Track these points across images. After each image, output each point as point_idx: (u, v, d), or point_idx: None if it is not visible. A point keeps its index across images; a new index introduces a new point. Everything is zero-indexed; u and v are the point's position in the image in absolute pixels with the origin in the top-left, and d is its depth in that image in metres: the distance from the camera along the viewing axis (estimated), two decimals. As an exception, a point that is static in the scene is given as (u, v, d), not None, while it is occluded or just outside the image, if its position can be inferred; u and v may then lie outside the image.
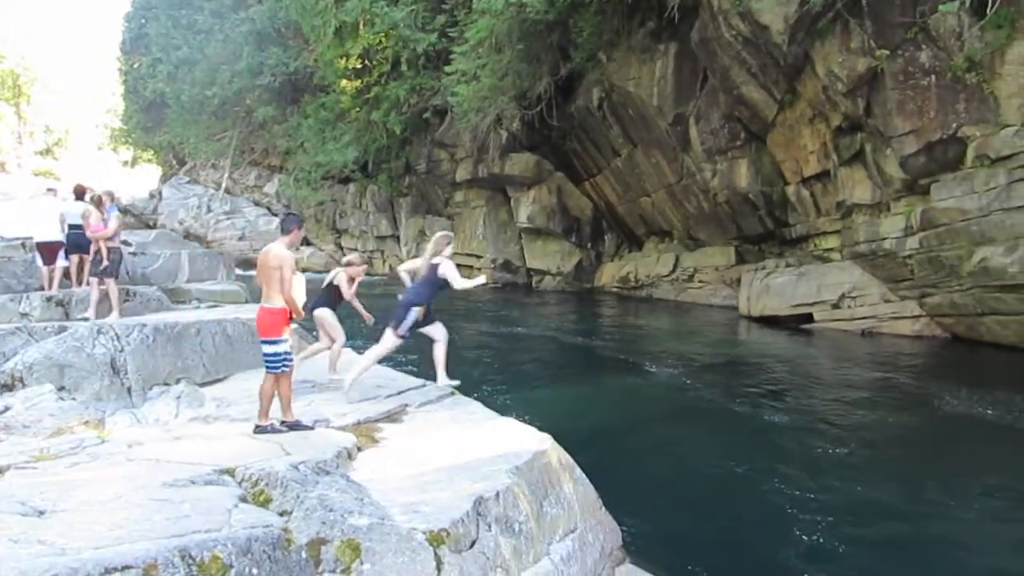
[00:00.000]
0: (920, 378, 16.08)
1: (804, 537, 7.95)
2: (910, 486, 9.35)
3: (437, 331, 8.50)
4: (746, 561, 7.60)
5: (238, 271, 27.63)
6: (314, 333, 10.31)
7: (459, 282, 8.08)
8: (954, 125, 17.08)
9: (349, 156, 38.91)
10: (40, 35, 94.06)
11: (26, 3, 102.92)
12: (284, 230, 6.66)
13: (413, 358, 15.55)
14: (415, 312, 8.12)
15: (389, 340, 8.23)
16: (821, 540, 7.88)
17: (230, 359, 9.58)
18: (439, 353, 8.51)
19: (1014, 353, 17.72)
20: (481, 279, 8.65)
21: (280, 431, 6.30)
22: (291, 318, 6.50)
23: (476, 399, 8.39)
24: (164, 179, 64.96)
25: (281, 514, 4.49)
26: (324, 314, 9.14)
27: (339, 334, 9.24)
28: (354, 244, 47.37)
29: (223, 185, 53.40)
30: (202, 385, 8.72)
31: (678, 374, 16.59)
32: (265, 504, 4.64)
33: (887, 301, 21.05)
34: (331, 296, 9.31)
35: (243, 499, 4.48)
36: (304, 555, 3.63)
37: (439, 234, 8.60)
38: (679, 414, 13.58)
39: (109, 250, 11.22)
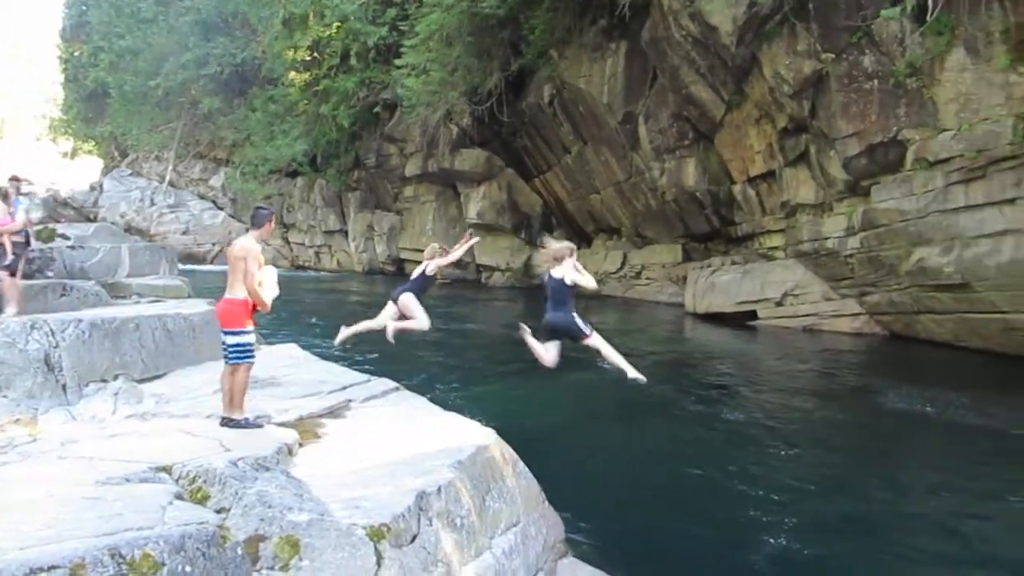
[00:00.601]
0: (862, 375, 16.41)
1: (749, 533, 8.05)
2: (856, 483, 9.46)
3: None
4: (689, 557, 7.67)
5: (181, 265, 27.13)
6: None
7: (580, 278, 8.34)
8: (895, 128, 17.47)
9: (298, 150, 38.47)
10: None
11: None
12: (255, 223, 6.57)
13: (373, 356, 15.44)
14: (575, 317, 8.43)
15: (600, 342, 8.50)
16: (766, 536, 7.98)
17: (171, 355, 9.39)
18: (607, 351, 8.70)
19: (948, 350, 18.20)
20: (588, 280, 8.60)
21: (252, 425, 6.19)
22: (255, 310, 6.40)
23: (422, 395, 8.35)
24: (105, 171, 63.36)
25: (219, 511, 4.42)
26: (408, 299, 9.79)
27: (421, 315, 9.90)
28: (301, 239, 46.88)
29: (167, 178, 52.39)
30: (141, 381, 8.53)
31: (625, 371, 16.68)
32: (203, 501, 4.56)
33: (828, 299, 21.46)
34: (418, 284, 10.00)
35: (179, 496, 4.39)
36: (240, 552, 3.57)
37: (559, 245, 8.67)
38: (626, 410, 13.67)
39: (14, 244, 10.95)
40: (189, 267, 38.72)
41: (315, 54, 37.43)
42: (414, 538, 4.59)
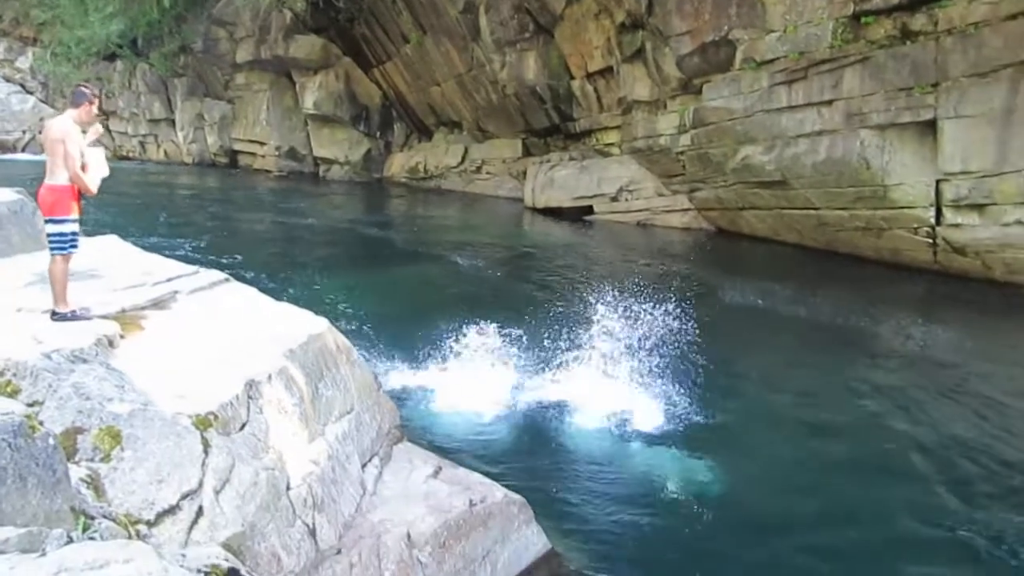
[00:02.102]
0: (696, 268, 17.23)
1: (587, 414, 8.40)
2: (702, 372, 9.91)
3: None
4: (522, 442, 7.97)
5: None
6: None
7: None
8: (726, 28, 17.95)
9: (113, 29, 35.54)
10: None
11: None
12: (73, 103, 6.09)
13: (202, 249, 14.85)
14: None
15: None
16: (605, 415, 8.37)
17: (-29, 245, 8.68)
18: None
19: (767, 244, 19.38)
20: None
21: (81, 318, 5.83)
22: (80, 196, 5.98)
23: (254, 287, 8.13)
24: None
25: (31, 404, 4.20)
26: None
27: None
28: (124, 127, 43.89)
29: (-36, 57, 47.40)
30: (-63, 275, 7.87)
31: (466, 264, 16.86)
32: (13, 395, 4.30)
33: (661, 195, 22.26)
34: None
35: (-17, 390, 4.14)
36: (52, 442, 3.41)
37: None
38: (464, 301, 13.82)
39: None
40: (-4, 156, 35.74)
41: (131, -77, 34.35)
42: (244, 426, 4.54)
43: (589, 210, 23.52)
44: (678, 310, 14.01)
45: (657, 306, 12.82)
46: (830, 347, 11.67)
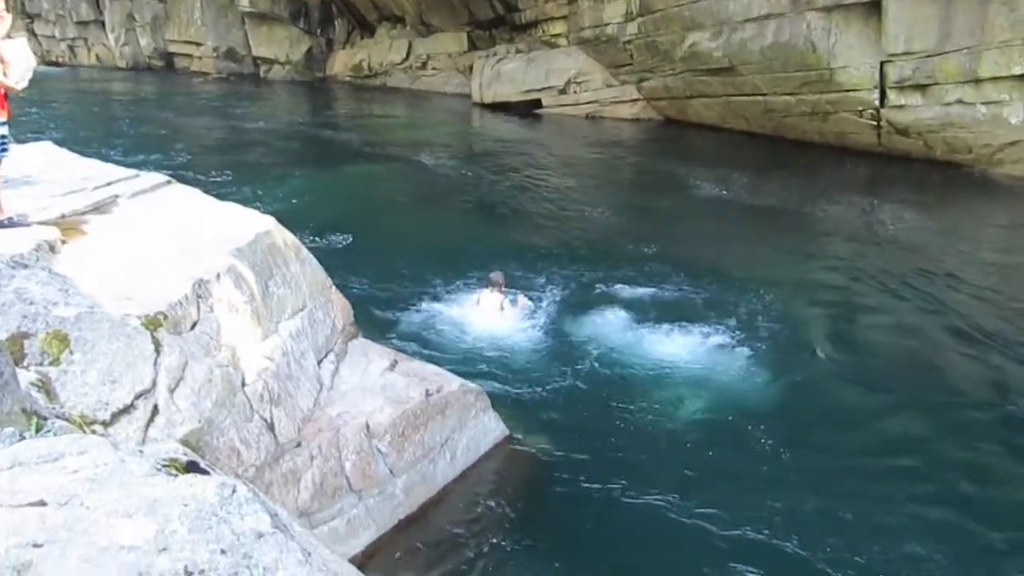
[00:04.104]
0: (652, 159, 17.26)
1: (548, 315, 8.48)
2: (677, 265, 9.92)
3: None
4: (482, 333, 8.04)
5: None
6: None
7: None
8: (672, -92, 17.51)
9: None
10: None
11: None
12: None
13: (140, 154, 14.40)
14: None
15: None
16: (566, 318, 8.45)
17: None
18: None
19: (716, 133, 19.42)
20: None
21: (19, 224, 5.65)
22: (7, 97, 5.71)
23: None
24: None
25: (-27, 312, 4.12)
26: None
27: None
28: (50, 31, 41.82)
29: None
30: None
31: (416, 164, 16.67)
32: (-47, 304, 4.23)
33: (609, 86, 22.04)
34: None
35: (-80, 299, 4.05)
36: (-3, 346, 3.39)
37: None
38: (415, 200, 13.74)
39: None
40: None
41: None
42: (194, 325, 4.52)
43: (538, 104, 23.23)
44: (645, 202, 14.02)
45: (621, 199, 12.75)
46: (802, 233, 11.89)
